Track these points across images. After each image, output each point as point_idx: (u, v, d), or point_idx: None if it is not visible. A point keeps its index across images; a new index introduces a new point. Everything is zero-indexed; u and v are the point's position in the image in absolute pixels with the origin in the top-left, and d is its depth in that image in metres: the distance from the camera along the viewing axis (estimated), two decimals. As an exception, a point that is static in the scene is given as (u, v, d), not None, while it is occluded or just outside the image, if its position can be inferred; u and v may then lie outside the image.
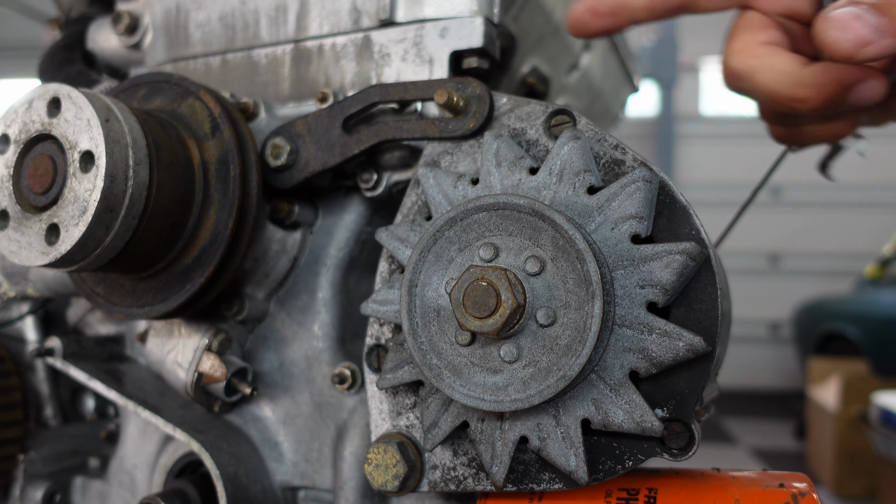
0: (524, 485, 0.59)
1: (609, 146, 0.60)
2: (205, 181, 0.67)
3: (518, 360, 0.54)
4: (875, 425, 3.96)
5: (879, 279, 6.36)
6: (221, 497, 0.70)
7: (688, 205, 0.56)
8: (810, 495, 0.53)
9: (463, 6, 0.70)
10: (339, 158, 0.70)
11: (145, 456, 0.84)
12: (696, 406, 0.54)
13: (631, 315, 0.54)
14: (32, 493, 0.85)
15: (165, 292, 0.68)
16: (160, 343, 0.77)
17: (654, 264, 0.53)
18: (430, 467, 0.63)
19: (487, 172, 0.61)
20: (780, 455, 5.50)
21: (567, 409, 0.55)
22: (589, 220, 0.56)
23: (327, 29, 0.77)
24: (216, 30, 0.83)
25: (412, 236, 0.63)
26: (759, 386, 8.29)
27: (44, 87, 0.61)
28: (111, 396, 0.76)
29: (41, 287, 0.84)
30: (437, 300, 0.57)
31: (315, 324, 0.77)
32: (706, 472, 0.60)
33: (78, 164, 0.59)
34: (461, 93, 0.65)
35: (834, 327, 6.24)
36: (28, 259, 0.60)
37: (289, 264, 0.78)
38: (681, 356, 0.52)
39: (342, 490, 0.73)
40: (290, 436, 0.78)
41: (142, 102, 0.72)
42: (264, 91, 0.80)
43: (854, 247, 8.26)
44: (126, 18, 0.86)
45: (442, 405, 0.60)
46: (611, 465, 0.56)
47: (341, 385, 0.74)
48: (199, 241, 0.67)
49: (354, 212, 0.78)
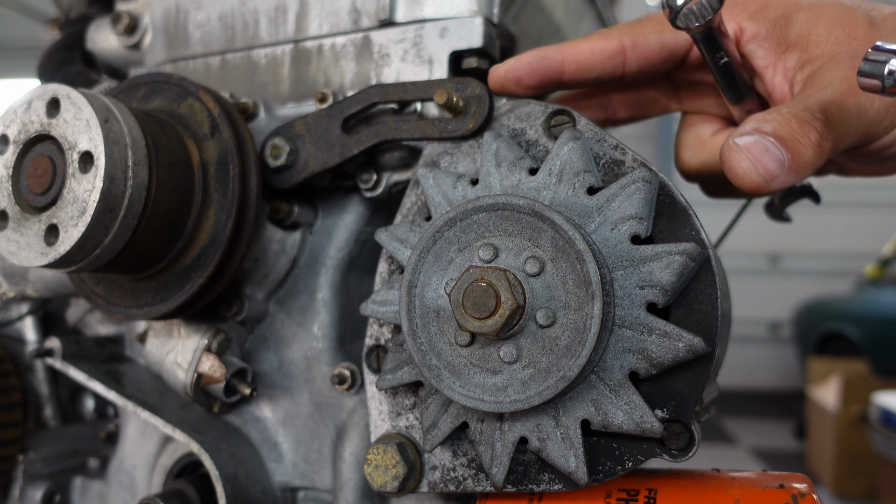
0: (524, 485, 0.59)
1: (609, 146, 0.60)
2: (204, 181, 0.67)
3: (518, 361, 0.54)
4: (875, 425, 3.96)
5: (879, 279, 6.36)
6: (221, 497, 0.70)
7: (687, 205, 0.56)
8: (810, 496, 0.53)
9: (463, 6, 0.70)
10: (338, 159, 0.70)
11: (145, 456, 0.84)
12: (695, 407, 0.54)
13: (631, 316, 0.54)
14: (32, 494, 0.85)
15: (165, 293, 0.68)
16: (159, 343, 0.77)
17: (653, 265, 0.53)
18: (429, 468, 0.63)
19: (487, 173, 0.61)
20: (780, 455, 5.50)
21: (567, 410, 0.55)
22: (589, 220, 0.56)
23: (327, 29, 0.77)
24: (216, 30, 0.83)
25: (412, 237, 0.63)
26: (759, 386, 8.29)
27: (43, 87, 0.61)
28: (111, 397, 0.76)
29: (40, 287, 0.84)
30: (437, 301, 0.57)
31: (315, 324, 0.77)
32: (706, 473, 0.60)
33: (77, 165, 0.59)
34: (461, 93, 0.65)
35: (834, 327, 6.25)
36: (27, 259, 0.60)
37: (288, 265, 0.78)
38: (680, 357, 0.52)
39: (342, 491, 0.73)
40: (289, 436, 0.78)
41: (141, 103, 0.71)
42: (264, 91, 0.80)
43: (854, 247, 8.26)
44: (125, 18, 0.86)
45: (441, 406, 0.60)
46: (610, 465, 0.56)
47: (341, 386, 0.74)
48: (199, 241, 0.67)
49: (354, 212, 0.78)
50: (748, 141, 0.51)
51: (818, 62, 0.59)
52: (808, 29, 0.60)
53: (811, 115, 0.53)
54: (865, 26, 0.59)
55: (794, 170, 0.51)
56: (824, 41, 0.59)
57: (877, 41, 0.57)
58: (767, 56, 0.62)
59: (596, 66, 0.65)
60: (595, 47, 0.64)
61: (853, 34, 0.59)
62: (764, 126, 0.51)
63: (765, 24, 0.62)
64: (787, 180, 0.51)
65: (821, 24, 0.60)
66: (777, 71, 0.62)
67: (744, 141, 0.51)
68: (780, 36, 0.61)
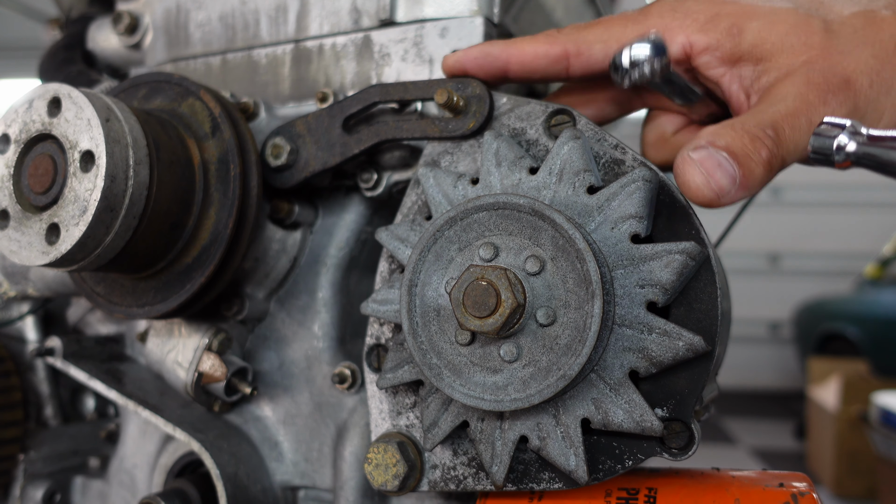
0: (524, 484, 0.59)
1: (609, 146, 0.60)
2: (205, 181, 0.67)
3: (518, 360, 0.54)
4: (875, 425, 3.96)
5: (879, 279, 6.36)
6: (221, 497, 0.70)
7: (688, 204, 0.56)
8: (810, 495, 0.53)
9: (463, 6, 0.70)
10: (339, 158, 0.70)
11: (145, 455, 0.84)
12: (695, 405, 0.54)
13: (631, 314, 0.54)
14: (32, 493, 0.86)
15: (165, 292, 0.68)
16: (160, 343, 0.77)
17: (653, 264, 0.53)
18: (429, 467, 0.64)
19: (487, 172, 0.61)
20: (780, 455, 5.50)
21: (567, 409, 0.55)
22: (589, 219, 0.56)
23: (327, 29, 0.77)
24: (216, 30, 0.83)
25: (412, 236, 0.63)
26: (759, 386, 8.28)
27: (44, 86, 0.62)
28: (111, 396, 0.76)
29: (41, 287, 0.84)
30: (437, 300, 0.57)
31: (315, 323, 0.77)
32: (706, 472, 0.60)
33: (78, 164, 0.59)
34: (461, 93, 0.65)
35: (834, 327, 6.24)
36: (28, 259, 0.60)
37: (289, 264, 0.78)
38: (680, 356, 0.52)
39: (342, 490, 0.73)
40: (290, 435, 0.78)
41: (142, 102, 0.72)
42: (264, 91, 0.80)
43: (854, 247, 8.25)
44: (126, 18, 0.86)
45: (442, 405, 0.60)
46: (610, 464, 0.56)
47: (341, 385, 0.74)
48: (200, 240, 0.67)
49: (354, 212, 0.78)
50: (702, 155, 0.51)
51: (774, 72, 0.59)
52: (762, 38, 0.59)
53: (763, 132, 0.53)
54: (822, 34, 0.58)
55: (744, 186, 0.51)
56: (779, 50, 0.59)
57: (834, 51, 0.56)
58: (721, 66, 0.61)
59: (539, 69, 0.65)
60: (539, 51, 0.65)
61: (809, 42, 0.58)
62: (718, 140, 0.52)
63: (715, 34, 0.61)
64: (737, 196, 0.52)
65: (775, 32, 0.59)
66: (733, 79, 0.62)
67: (698, 155, 0.51)
68: (733, 45, 0.60)
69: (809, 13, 0.60)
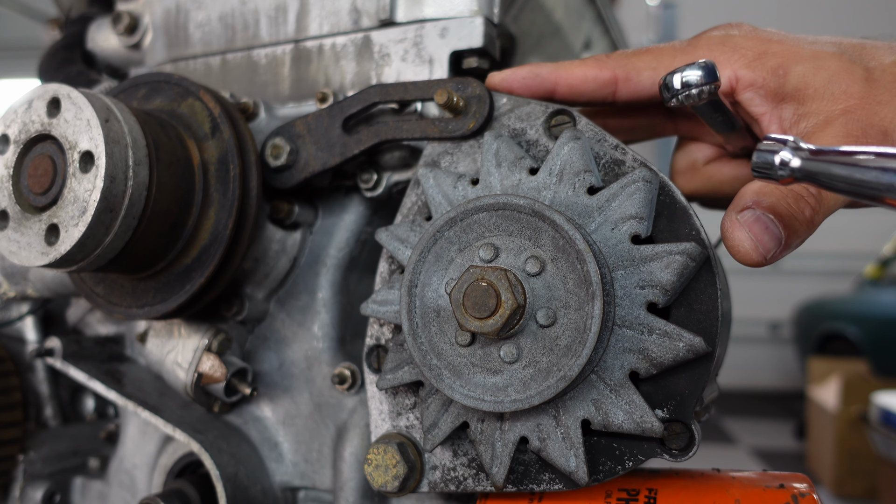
0: (524, 485, 0.59)
1: (609, 146, 0.60)
2: (205, 181, 0.67)
3: (518, 361, 0.54)
4: (875, 425, 3.96)
5: (879, 279, 6.35)
6: (221, 497, 0.70)
7: (688, 205, 0.56)
8: (810, 495, 0.53)
9: (463, 6, 0.70)
10: (339, 158, 0.70)
11: (145, 456, 0.84)
12: (696, 406, 0.54)
13: (631, 315, 0.54)
14: (32, 494, 0.85)
15: (165, 292, 0.68)
16: (160, 343, 0.77)
17: (654, 265, 0.53)
18: (430, 468, 0.63)
19: (487, 173, 0.61)
20: (780, 455, 5.50)
21: (567, 410, 0.55)
22: (589, 220, 0.56)
23: (327, 29, 0.77)
24: (216, 30, 0.83)
25: (412, 236, 0.63)
26: (759, 386, 8.28)
27: (43, 87, 0.61)
28: (111, 397, 0.76)
29: (41, 287, 0.84)
30: (437, 300, 0.57)
31: (315, 324, 0.77)
32: (706, 473, 0.60)
33: (78, 165, 0.59)
34: (461, 93, 0.65)
35: (834, 327, 6.24)
36: (28, 259, 0.60)
37: (289, 264, 0.78)
38: (681, 357, 0.52)
39: (342, 490, 0.73)
40: (289, 436, 0.78)
41: (141, 102, 0.71)
42: (264, 91, 0.80)
43: (854, 247, 8.25)
44: (126, 18, 0.86)
45: (442, 406, 0.60)
46: (611, 465, 0.56)
47: (341, 385, 0.74)
48: (199, 241, 0.67)
49: (354, 212, 0.78)
50: (749, 218, 0.52)
51: (814, 118, 0.59)
52: (806, 82, 0.60)
53: (806, 190, 0.53)
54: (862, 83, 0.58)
55: (787, 245, 0.52)
56: (821, 96, 0.59)
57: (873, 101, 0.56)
58: (763, 104, 0.62)
59: (586, 93, 0.66)
60: (588, 74, 0.65)
61: (850, 91, 0.58)
62: (763, 200, 0.52)
63: (762, 72, 0.61)
64: (781, 255, 0.52)
65: (818, 78, 0.59)
66: (773, 119, 0.62)
67: (745, 218, 0.52)
68: (777, 86, 0.61)
69: (853, 60, 0.60)
